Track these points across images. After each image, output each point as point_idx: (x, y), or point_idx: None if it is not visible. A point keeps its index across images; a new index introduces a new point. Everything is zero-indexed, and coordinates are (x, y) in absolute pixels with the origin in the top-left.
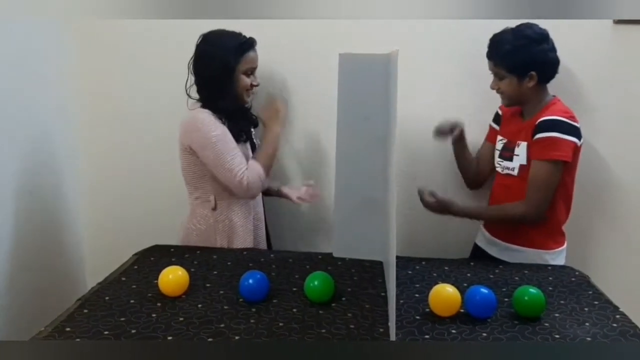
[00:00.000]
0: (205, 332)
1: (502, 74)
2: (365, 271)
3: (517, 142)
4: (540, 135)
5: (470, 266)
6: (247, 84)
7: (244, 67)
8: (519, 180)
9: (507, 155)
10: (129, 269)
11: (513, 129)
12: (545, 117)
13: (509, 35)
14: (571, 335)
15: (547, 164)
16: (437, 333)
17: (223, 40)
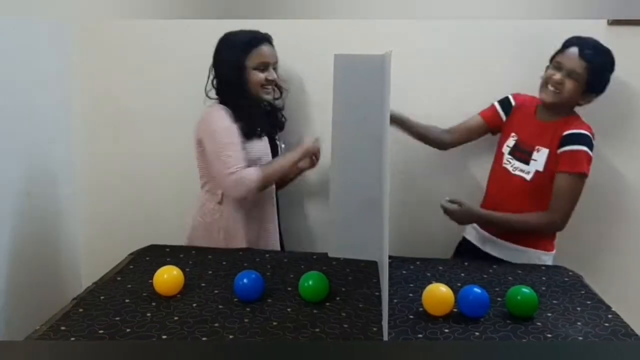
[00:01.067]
0: (199, 332)
1: (580, 76)
2: (360, 271)
3: (537, 147)
4: (569, 148)
5: (464, 266)
6: (259, 79)
7: (253, 63)
8: (530, 185)
9: (523, 157)
10: (125, 269)
11: (529, 129)
12: (573, 130)
13: (608, 51)
14: (563, 335)
15: (575, 177)
16: (430, 332)
17: (234, 37)
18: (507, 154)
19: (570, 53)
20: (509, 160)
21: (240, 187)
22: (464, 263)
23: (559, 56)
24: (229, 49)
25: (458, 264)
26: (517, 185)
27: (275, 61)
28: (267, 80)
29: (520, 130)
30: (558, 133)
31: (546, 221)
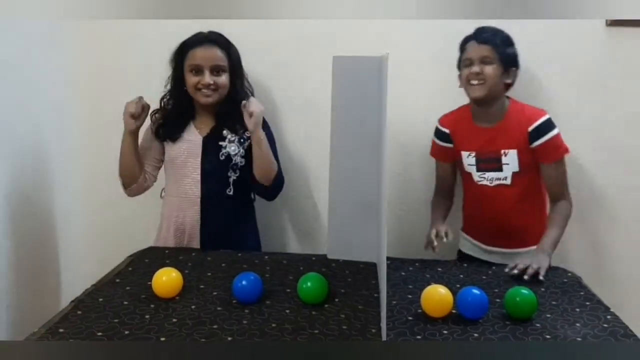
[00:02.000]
0: (198, 333)
1: (491, 58)
2: (359, 272)
3: (502, 151)
4: (544, 140)
5: (463, 267)
6: (192, 82)
7: (187, 65)
8: (512, 188)
9: (494, 166)
10: (124, 271)
11: (480, 139)
12: (535, 122)
13: (493, 27)
14: (562, 336)
15: (560, 162)
16: (428, 333)
17: (190, 36)
18: (476, 171)
19: (471, 47)
20: (482, 177)
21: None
22: (463, 265)
23: (463, 56)
24: (174, 52)
25: (457, 265)
26: (502, 194)
27: (214, 64)
28: (201, 84)
29: (472, 144)
30: (518, 130)
31: (568, 209)
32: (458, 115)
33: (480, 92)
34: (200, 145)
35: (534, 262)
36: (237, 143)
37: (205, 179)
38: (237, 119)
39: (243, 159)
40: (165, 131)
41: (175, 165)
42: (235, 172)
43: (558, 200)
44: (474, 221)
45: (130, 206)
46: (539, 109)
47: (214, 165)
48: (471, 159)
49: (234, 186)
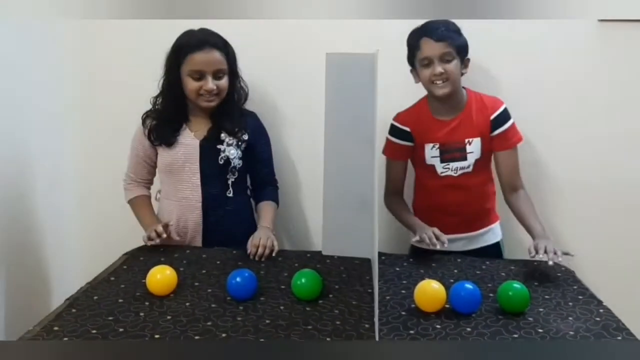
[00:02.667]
0: (192, 330)
1: (451, 56)
2: (353, 268)
3: (467, 140)
4: (502, 129)
5: (457, 262)
6: (193, 87)
7: (187, 69)
8: (474, 175)
9: (458, 156)
10: (118, 269)
11: (444, 131)
12: (496, 111)
13: (444, 20)
14: (554, 330)
15: (515, 149)
16: (421, 328)
17: (178, 39)
18: (439, 162)
19: (427, 45)
20: (446, 168)
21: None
22: (457, 260)
23: (419, 53)
24: (168, 53)
25: (451, 260)
26: (466, 182)
27: (216, 68)
28: (204, 90)
29: (434, 136)
30: (480, 119)
31: (527, 196)
32: (415, 111)
33: (446, 89)
34: (197, 149)
35: (549, 245)
36: (235, 146)
37: (205, 183)
38: (235, 120)
39: (241, 161)
40: (160, 136)
41: (173, 170)
42: (234, 174)
43: (516, 189)
44: (430, 213)
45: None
46: (495, 98)
47: (213, 170)
48: (435, 151)
49: (233, 188)
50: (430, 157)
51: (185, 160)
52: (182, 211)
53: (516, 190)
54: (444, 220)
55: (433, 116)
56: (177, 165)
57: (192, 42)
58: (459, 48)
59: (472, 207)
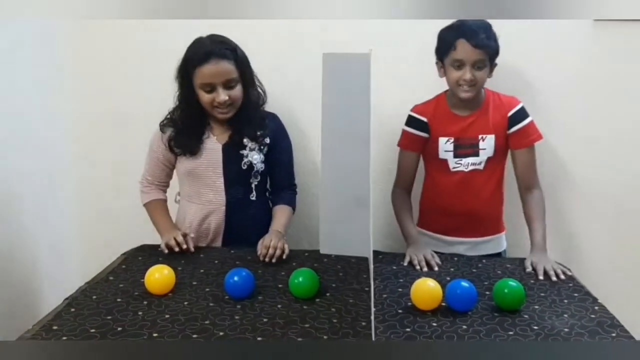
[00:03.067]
0: (190, 329)
1: (484, 64)
2: (350, 267)
3: (480, 136)
4: (519, 126)
5: (453, 261)
6: (207, 100)
7: (198, 82)
8: (484, 173)
9: (470, 152)
10: (117, 269)
11: (459, 126)
12: (513, 108)
13: (481, 23)
14: (549, 327)
15: (533, 148)
16: (418, 326)
17: (189, 49)
18: (452, 157)
19: (463, 47)
20: (458, 163)
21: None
22: (454, 258)
23: (453, 53)
24: (178, 67)
25: (448, 258)
26: (475, 179)
27: (226, 79)
28: (217, 102)
29: (450, 131)
30: (497, 116)
31: (543, 198)
32: (433, 104)
33: (470, 94)
34: (220, 155)
35: (547, 265)
36: (257, 150)
37: (228, 187)
38: (255, 125)
39: (263, 164)
40: (183, 145)
41: (195, 176)
42: (257, 178)
43: (532, 188)
44: (438, 213)
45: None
46: (512, 97)
47: (236, 174)
48: (449, 145)
49: (257, 191)
50: (443, 151)
51: (208, 165)
52: (205, 213)
53: (531, 190)
54: (450, 221)
55: (451, 110)
56: (200, 170)
57: (199, 55)
58: (492, 55)
59: (479, 208)
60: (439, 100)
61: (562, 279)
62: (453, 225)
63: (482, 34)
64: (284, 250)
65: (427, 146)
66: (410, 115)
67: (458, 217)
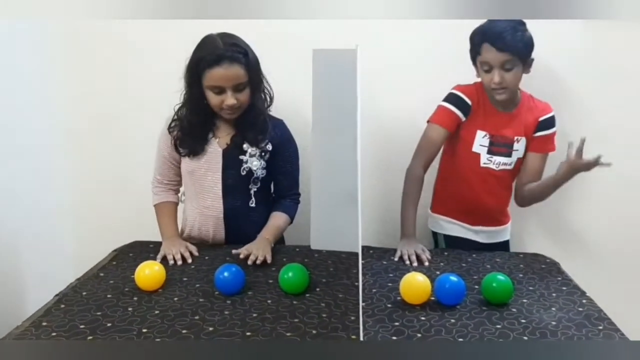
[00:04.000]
0: (179, 325)
1: (512, 64)
2: (341, 262)
3: (516, 138)
4: (546, 132)
5: (443, 255)
6: (215, 102)
7: (207, 84)
8: (511, 173)
9: (504, 150)
10: (108, 265)
11: (496, 122)
12: (546, 114)
13: (510, 22)
14: (537, 320)
15: (546, 155)
16: (406, 320)
17: (197, 49)
18: (486, 153)
19: (488, 51)
20: (490, 160)
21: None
22: (444, 253)
23: (480, 57)
24: (187, 67)
25: (438, 253)
26: (503, 177)
27: (236, 83)
28: (225, 105)
29: (488, 125)
30: (530, 120)
31: None
32: (477, 90)
33: (504, 96)
34: (220, 159)
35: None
36: (258, 157)
37: (226, 193)
38: (258, 130)
39: (264, 170)
40: (187, 146)
41: (194, 178)
42: (257, 184)
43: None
44: (461, 204)
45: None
46: (546, 102)
47: (235, 180)
48: (485, 140)
49: (256, 197)
50: (478, 145)
51: (207, 169)
52: (204, 220)
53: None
54: (471, 211)
55: (491, 103)
56: (200, 173)
57: (211, 57)
58: (522, 57)
59: (500, 202)
60: (480, 88)
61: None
62: (474, 217)
63: (508, 35)
64: (264, 259)
65: (459, 136)
66: (452, 93)
67: (479, 210)
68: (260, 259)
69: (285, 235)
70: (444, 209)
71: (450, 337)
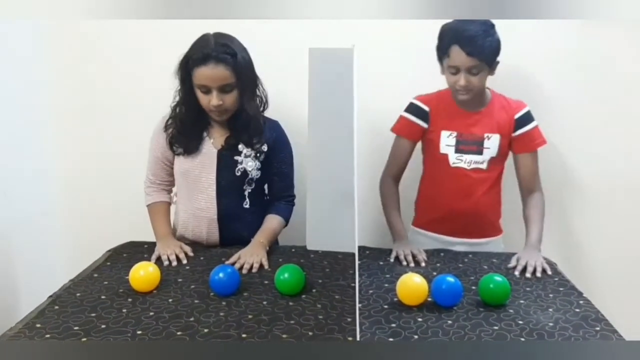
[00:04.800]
0: (174, 326)
1: (479, 69)
2: (337, 263)
3: (486, 135)
4: (525, 129)
5: (440, 256)
6: (202, 101)
7: (195, 82)
8: (487, 173)
9: (474, 148)
10: (102, 266)
11: (463, 121)
12: (520, 111)
13: (482, 25)
14: (534, 321)
15: (536, 152)
16: (403, 321)
17: (195, 44)
18: (454, 152)
19: (457, 54)
20: (459, 159)
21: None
22: (440, 253)
23: (447, 60)
24: (178, 65)
25: (434, 254)
26: (475, 178)
27: (221, 84)
28: (211, 105)
29: (453, 125)
30: (503, 117)
31: (544, 201)
32: (439, 97)
33: (467, 97)
34: (214, 159)
35: (530, 260)
36: (252, 157)
37: (220, 195)
38: (252, 131)
39: (259, 172)
40: (182, 144)
41: (188, 179)
42: (251, 185)
43: (533, 192)
44: (436, 212)
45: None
46: (519, 100)
47: (229, 181)
48: (451, 140)
49: (250, 199)
50: (445, 145)
51: (202, 170)
52: (197, 222)
53: (532, 194)
54: (448, 221)
55: (456, 105)
56: (194, 174)
57: (198, 55)
58: (488, 62)
59: (477, 208)
60: (444, 94)
61: (537, 276)
62: (451, 225)
63: (479, 40)
64: (258, 266)
65: (427, 141)
66: (412, 103)
67: (456, 216)
68: (256, 266)
69: (280, 236)
70: (422, 220)
71: (447, 339)
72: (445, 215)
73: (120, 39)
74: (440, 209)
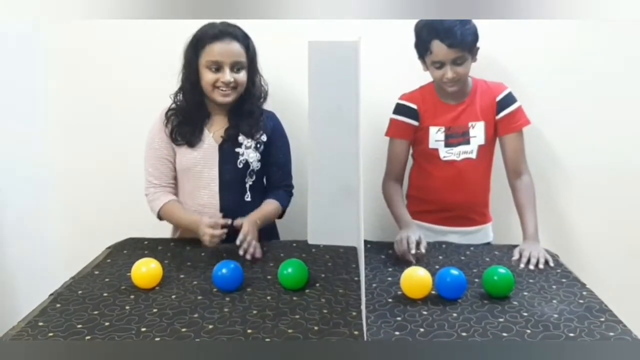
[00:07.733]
0: (178, 323)
1: (463, 59)
2: (339, 257)
3: (470, 124)
4: (508, 111)
5: (442, 249)
6: (209, 79)
7: (204, 60)
8: (477, 162)
9: (461, 140)
10: (102, 263)
11: (449, 115)
12: (501, 93)
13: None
14: (539, 313)
15: (521, 133)
16: (408, 315)
17: (203, 27)
18: (444, 147)
19: (439, 49)
20: (449, 152)
21: (150, 207)
22: (442, 246)
23: (431, 56)
24: (187, 45)
25: (436, 246)
26: (467, 168)
27: (235, 60)
28: (220, 82)
29: (440, 120)
30: (485, 102)
31: (533, 184)
32: (422, 93)
33: (456, 88)
34: (216, 153)
35: (533, 252)
36: (253, 149)
37: (223, 189)
38: (252, 121)
39: (259, 163)
40: (183, 134)
41: (190, 175)
42: (252, 177)
43: (521, 174)
44: (427, 203)
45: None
46: (499, 82)
47: (232, 175)
48: (440, 135)
49: (251, 191)
50: (434, 140)
51: (204, 165)
52: None
53: (520, 176)
54: (439, 211)
55: (440, 100)
56: (196, 169)
57: (212, 32)
58: (472, 48)
59: (469, 197)
60: (427, 90)
61: (540, 267)
62: (443, 215)
63: (458, 30)
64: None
65: (416, 137)
66: (398, 104)
67: (448, 207)
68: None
69: (281, 230)
70: (413, 211)
71: (453, 332)
72: (437, 207)
73: (120, 39)
74: (432, 201)
